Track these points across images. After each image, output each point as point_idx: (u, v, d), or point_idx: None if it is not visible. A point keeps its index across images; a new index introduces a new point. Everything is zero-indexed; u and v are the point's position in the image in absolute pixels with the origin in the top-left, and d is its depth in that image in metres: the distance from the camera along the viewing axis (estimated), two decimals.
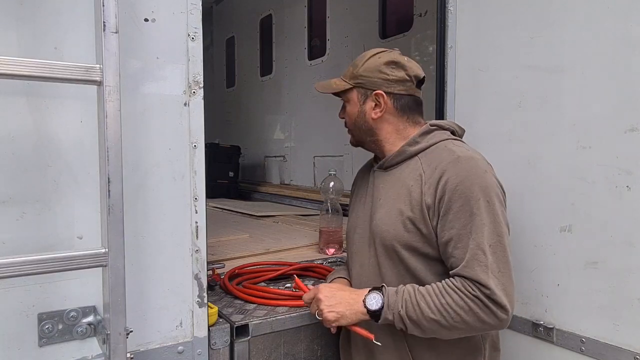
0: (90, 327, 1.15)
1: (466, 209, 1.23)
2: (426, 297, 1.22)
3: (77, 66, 0.97)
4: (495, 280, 1.18)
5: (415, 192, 1.31)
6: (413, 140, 1.39)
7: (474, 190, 1.23)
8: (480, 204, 1.22)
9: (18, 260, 0.92)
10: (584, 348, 1.42)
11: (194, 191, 1.28)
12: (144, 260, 1.22)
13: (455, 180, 1.25)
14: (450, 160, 1.29)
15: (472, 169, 1.27)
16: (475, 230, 1.21)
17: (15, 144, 1.06)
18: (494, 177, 1.31)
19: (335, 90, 1.46)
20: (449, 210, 1.25)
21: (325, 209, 2.30)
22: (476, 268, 1.19)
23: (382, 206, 1.39)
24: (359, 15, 4.15)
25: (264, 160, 5.75)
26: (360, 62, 1.43)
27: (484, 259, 1.20)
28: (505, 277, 1.20)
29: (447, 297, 1.20)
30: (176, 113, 1.25)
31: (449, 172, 1.27)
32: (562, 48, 1.47)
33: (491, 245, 1.21)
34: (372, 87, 1.40)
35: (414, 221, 1.29)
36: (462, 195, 1.23)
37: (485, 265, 1.19)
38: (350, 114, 1.46)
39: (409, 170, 1.37)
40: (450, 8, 1.83)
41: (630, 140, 1.31)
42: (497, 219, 1.24)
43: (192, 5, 1.25)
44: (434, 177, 1.29)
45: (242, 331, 1.42)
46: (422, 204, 1.29)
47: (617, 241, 1.34)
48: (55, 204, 1.11)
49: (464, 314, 1.18)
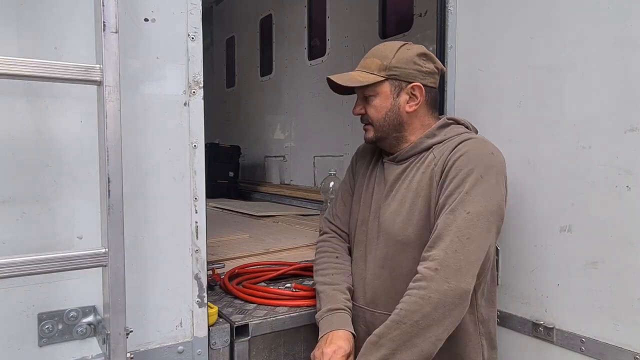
0: (90, 327, 1.15)
1: (460, 179, 1.24)
2: (393, 323, 1.22)
3: (77, 66, 0.96)
4: (443, 243, 1.19)
5: (427, 182, 1.32)
6: (431, 133, 1.39)
7: (472, 163, 1.25)
8: (474, 175, 1.23)
9: (18, 260, 0.92)
10: (584, 348, 1.42)
11: (194, 191, 1.28)
12: (143, 260, 1.22)
13: (459, 155, 1.28)
14: (460, 141, 1.32)
15: (477, 148, 1.29)
16: (458, 201, 1.22)
17: (15, 144, 1.06)
18: (499, 161, 1.31)
19: (365, 82, 1.36)
20: (446, 179, 1.27)
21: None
22: (440, 229, 1.21)
23: (395, 199, 1.38)
24: (359, 15, 4.15)
25: (264, 160, 5.75)
26: (389, 53, 1.37)
27: (452, 221, 1.21)
28: (465, 254, 1.19)
29: (401, 304, 1.21)
30: (176, 113, 1.25)
31: (456, 151, 1.29)
32: (562, 48, 1.47)
33: (469, 212, 1.21)
34: (407, 79, 1.36)
35: (430, 216, 1.30)
36: (460, 166, 1.25)
37: (448, 225, 1.21)
38: (379, 107, 1.38)
39: (423, 164, 1.37)
40: (450, 8, 1.82)
41: (631, 140, 1.31)
42: (485, 193, 1.23)
43: (192, 5, 1.25)
44: (444, 156, 1.31)
45: (242, 331, 1.42)
46: (433, 185, 1.30)
47: (617, 241, 1.34)
48: (55, 203, 1.11)
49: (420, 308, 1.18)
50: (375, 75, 1.36)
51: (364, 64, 1.40)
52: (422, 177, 1.34)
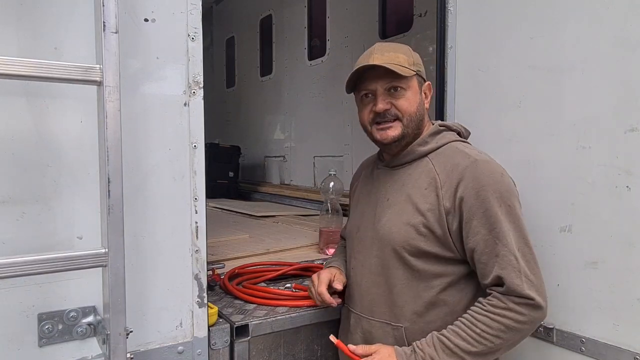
0: (90, 327, 1.15)
1: (490, 215, 1.24)
2: (461, 334, 1.23)
3: (77, 66, 0.96)
4: (528, 283, 1.22)
5: (431, 196, 1.30)
6: (423, 141, 1.39)
7: (495, 196, 1.25)
8: (503, 210, 1.24)
9: (18, 261, 0.92)
10: (583, 348, 1.42)
11: (194, 191, 1.28)
12: (143, 260, 1.22)
13: (475, 186, 1.25)
14: (467, 165, 1.28)
15: (491, 174, 1.28)
16: (503, 236, 1.23)
17: (15, 144, 1.06)
18: (510, 178, 1.32)
19: (405, 73, 1.31)
20: (473, 216, 1.25)
21: (325, 209, 2.30)
22: (511, 274, 1.21)
23: (390, 207, 1.38)
24: (359, 16, 4.15)
25: (264, 161, 5.75)
26: (407, 50, 1.38)
27: (517, 264, 1.22)
28: (537, 278, 1.24)
29: (479, 325, 1.22)
30: (176, 113, 1.25)
31: (468, 176, 1.27)
32: (562, 48, 1.47)
33: (519, 248, 1.24)
34: (424, 77, 1.41)
35: (428, 225, 1.29)
36: (485, 202, 1.24)
37: (519, 270, 1.22)
38: (411, 102, 1.35)
39: (420, 172, 1.36)
40: (450, 8, 1.83)
41: (630, 140, 1.31)
42: (519, 222, 1.27)
43: (192, 5, 1.25)
44: (452, 181, 1.28)
45: (242, 331, 1.42)
46: (440, 208, 1.28)
47: (617, 241, 1.34)
48: (55, 204, 1.11)
49: (503, 334, 1.21)
50: (408, 68, 1.33)
51: (386, 58, 1.31)
52: (424, 190, 1.32)
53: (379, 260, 1.38)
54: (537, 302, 1.21)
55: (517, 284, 1.21)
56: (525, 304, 1.21)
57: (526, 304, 1.21)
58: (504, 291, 1.22)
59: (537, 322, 1.25)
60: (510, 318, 1.20)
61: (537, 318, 1.23)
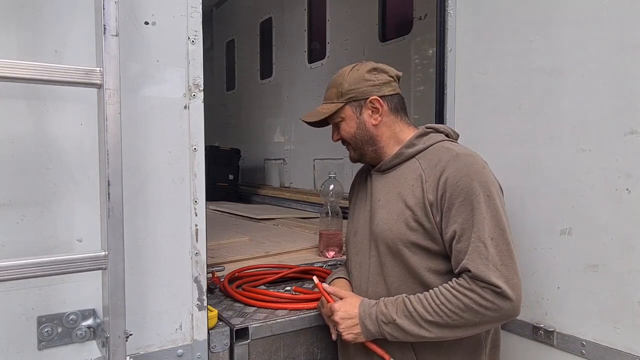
0: (90, 330, 1.14)
1: (467, 204, 1.26)
2: (423, 302, 1.27)
3: (78, 69, 0.97)
4: (496, 272, 1.22)
5: (417, 190, 1.34)
6: (410, 143, 1.43)
7: (474, 185, 1.27)
8: (480, 198, 1.26)
9: (18, 263, 0.92)
10: (584, 351, 1.41)
11: (194, 194, 1.28)
12: (143, 263, 1.22)
13: (456, 176, 1.29)
14: (450, 158, 1.33)
15: (471, 165, 1.31)
16: (477, 223, 1.25)
17: (15, 146, 1.06)
18: (491, 172, 1.34)
19: (328, 113, 1.47)
20: (452, 205, 1.28)
21: (325, 211, 2.30)
22: (477, 260, 1.23)
23: (383, 207, 1.41)
24: (358, 19, 4.16)
25: (263, 163, 5.75)
26: (341, 80, 1.46)
27: (485, 251, 1.23)
28: (508, 269, 1.23)
29: (441, 297, 1.25)
30: (176, 116, 1.25)
31: (449, 168, 1.30)
32: (561, 51, 1.47)
33: (493, 238, 1.24)
34: (364, 96, 1.43)
35: (417, 219, 1.32)
36: (463, 191, 1.27)
37: (486, 258, 1.22)
38: (348, 130, 1.47)
39: (408, 171, 1.40)
40: (450, 11, 1.83)
41: (630, 143, 1.31)
42: (497, 212, 1.27)
43: (192, 8, 1.26)
44: (435, 175, 1.32)
45: (241, 334, 1.42)
46: (424, 201, 1.32)
47: (617, 244, 1.34)
48: (55, 206, 1.10)
49: (460, 312, 1.23)
50: (336, 103, 1.47)
51: (326, 95, 1.52)
52: (411, 187, 1.36)
53: (377, 259, 1.41)
54: (504, 291, 1.20)
55: (482, 270, 1.22)
56: (491, 290, 1.21)
57: (491, 290, 1.21)
58: (471, 275, 1.24)
59: (503, 311, 1.22)
60: (470, 298, 1.22)
61: (503, 308, 1.22)
